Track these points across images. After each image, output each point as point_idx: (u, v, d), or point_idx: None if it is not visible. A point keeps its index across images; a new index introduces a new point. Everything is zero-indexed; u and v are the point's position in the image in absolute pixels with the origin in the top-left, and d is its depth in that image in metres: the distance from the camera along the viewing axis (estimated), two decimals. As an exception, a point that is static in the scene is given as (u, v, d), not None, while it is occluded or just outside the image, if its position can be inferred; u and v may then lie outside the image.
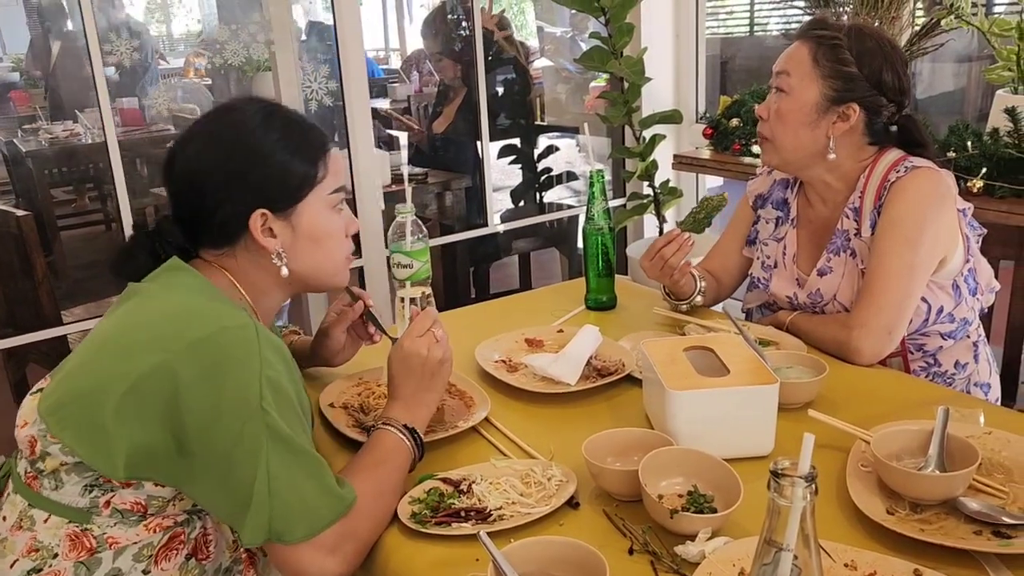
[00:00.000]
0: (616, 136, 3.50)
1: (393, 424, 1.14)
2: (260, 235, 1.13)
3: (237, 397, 0.98)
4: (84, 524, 1.03)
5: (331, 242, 1.19)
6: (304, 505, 0.99)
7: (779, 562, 0.60)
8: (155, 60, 3.35)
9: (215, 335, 1.00)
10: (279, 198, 1.13)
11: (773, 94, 1.57)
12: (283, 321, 3.68)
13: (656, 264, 1.63)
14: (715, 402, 1.14)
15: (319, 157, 1.16)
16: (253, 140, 1.13)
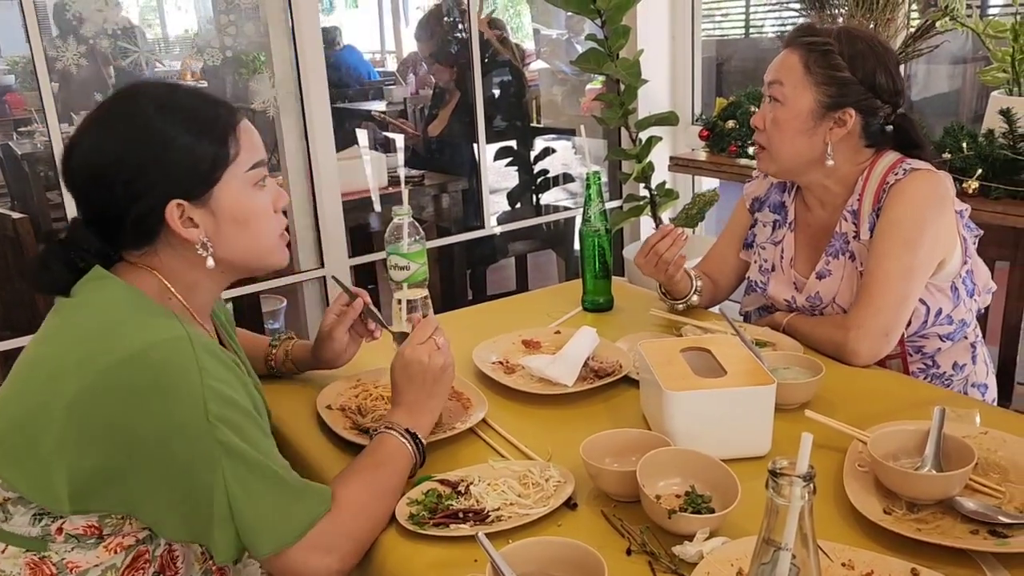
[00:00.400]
0: (612, 138, 3.50)
1: (395, 428, 1.14)
2: (180, 227, 1.05)
3: (182, 416, 0.95)
4: (41, 552, 1.01)
5: (259, 221, 1.11)
6: (269, 518, 0.97)
7: (777, 561, 0.61)
8: (152, 63, 3.33)
9: (145, 351, 0.95)
10: (192, 185, 1.05)
11: (767, 103, 1.57)
12: (279, 324, 3.68)
13: (651, 260, 1.63)
14: (712, 403, 1.14)
15: (228, 134, 1.07)
16: (153, 127, 1.04)
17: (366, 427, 1.28)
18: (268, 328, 3.52)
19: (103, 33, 2.46)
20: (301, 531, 0.99)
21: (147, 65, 2.52)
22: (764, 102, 1.59)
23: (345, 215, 3.25)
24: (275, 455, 1.03)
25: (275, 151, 3.77)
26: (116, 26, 2.44)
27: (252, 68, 2.80)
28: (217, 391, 0.97)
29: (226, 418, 0.96)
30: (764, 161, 1.62)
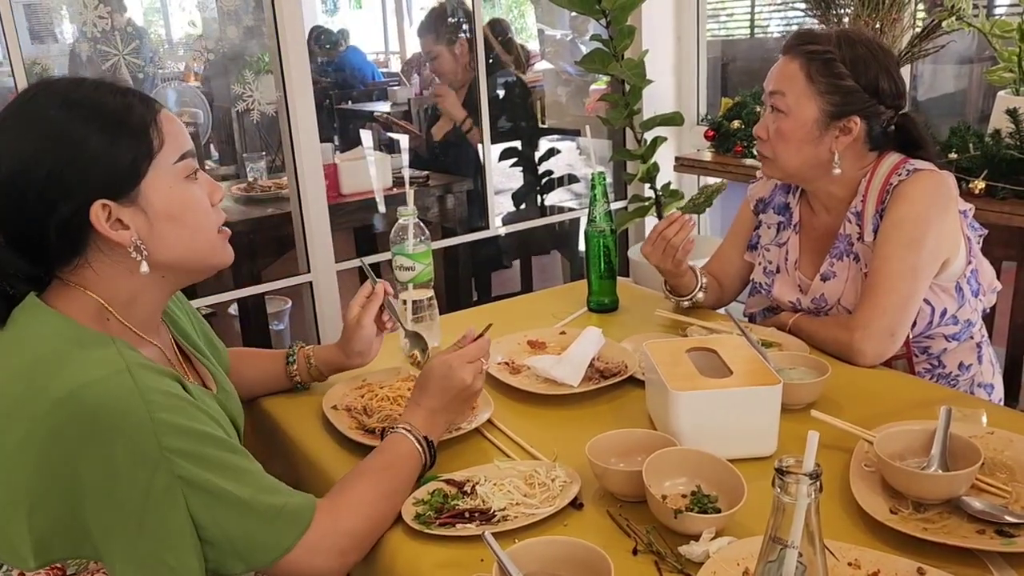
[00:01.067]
0: (617, 138, 3.50)
1: (413, 432, 1.14)
2: (108, 230, 0.96)
3: (130, 457, 0.89)
4: None
5: (195, 215, 1.03)
6: (243, 543, 0.95)
7: (784, 559, 0.61)
8: (146, 66, 3.34)
9: (79, 392, 0.88)
10: (115, 182, 0.96)
11: (769, 113, 1.56)
12: (283, 325, 3.69)
13: (658, 247, 1.62)
14: (718, 403, 1.14)
15: (146, 124, 0.99)
16: (60, 126, 0.95)
17: (372, 427, 1.29)
18: (273, 330, 3.53)
19: (83, 36, 2.46)
20: (279, 553, 0.97)
21: (129, 69, 2.51)
22: (765, 111, 1.58)
23: (349, 216, 3.26)
24: (246, 472, 0.98)
25: (279, 151, 3.77)
26: (96, 29, 2.43)
27: (257, 69, 2.80)
28: (168, 422, 0.91)
29: (182, 450, 0.91)
30: (769, 168, 1.61)
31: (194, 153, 1.05)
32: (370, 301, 1.38)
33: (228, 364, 1.37)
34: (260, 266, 3.04)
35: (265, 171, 3.37)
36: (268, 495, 0.98)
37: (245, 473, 0.98)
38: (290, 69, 2.56)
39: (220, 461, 0.95)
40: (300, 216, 2.68)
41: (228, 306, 3.55)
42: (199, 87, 4.16)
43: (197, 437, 0.94)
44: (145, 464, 0.90)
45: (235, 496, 0.95)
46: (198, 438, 0.94)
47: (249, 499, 0.96)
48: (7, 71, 2.29)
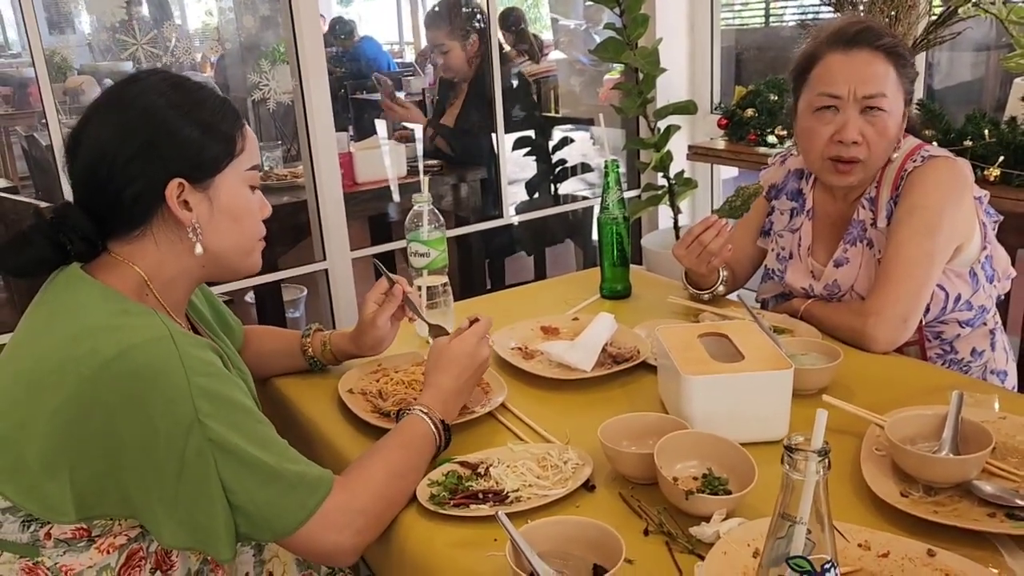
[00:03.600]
0: (630, 127, 3.50)
1: (431, 414, 1.16)
2: (176, 206, 1.05)
3: (170, 417, 0.94)
4: (34, 558, 1.01)
5: (248, 220, 1.14)
6: (268, 510, 0.98)
7: (793, 536, 0.62)
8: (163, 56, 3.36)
9: (125, 355, 0.94)
10: (197, 168, 1.07)
11: (860, 115, 1.47)
12: (299, 313, 3.71)
13: (693, 250, 1.60)
14: (730, 387, 1.15)
15: (236, 130, 1.10)
16: (165, 110, 1.06)
17: (387, 411, 1.30)
18: (289, 317, 3.56)
19: (101, 26, 2.48)
20: (300, 520, 1.00)
21: (147, 59, 2.53)
22: (843, 114, 1.48)
23: (364, 205, 3.27)
24: (272, 442, 1.02)
25: (294, 140, 3.79)
26: (115, 18, 2.45)
27: (273, 58, 2.82)
28: (205, 388, 0.96)
29: (217, 414, 0.96)
30: (856, 174, 1.52)
31: (261, 169, 1.17)
32: (387, 302, 1.40)
33: (242, 341, 1.42)
34: (276, 254, 3.07)
35: (281, 160, 3.39)
36: (291, 463, 1.01)
37: (271, 442, 1.02)
38: (306, 59, 2.57)
39: (249, 428, 1.00)
40: (316, 204, 2.70)
41: (245, 293, 3.58)
42: (212, 77, 4.18)
43: (229, 404, 0.99)
44: (180, 426, 0.94)
45: (261, 462, 0.98)
46: (230, 405, 0.99)
47: (275, 465, 0.99)
48: (27, 61, 2.32)
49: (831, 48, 1.50)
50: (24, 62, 5.86)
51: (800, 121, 1.56)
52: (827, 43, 1.51)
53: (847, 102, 1.48)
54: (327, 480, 1.03)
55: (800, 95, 1.56)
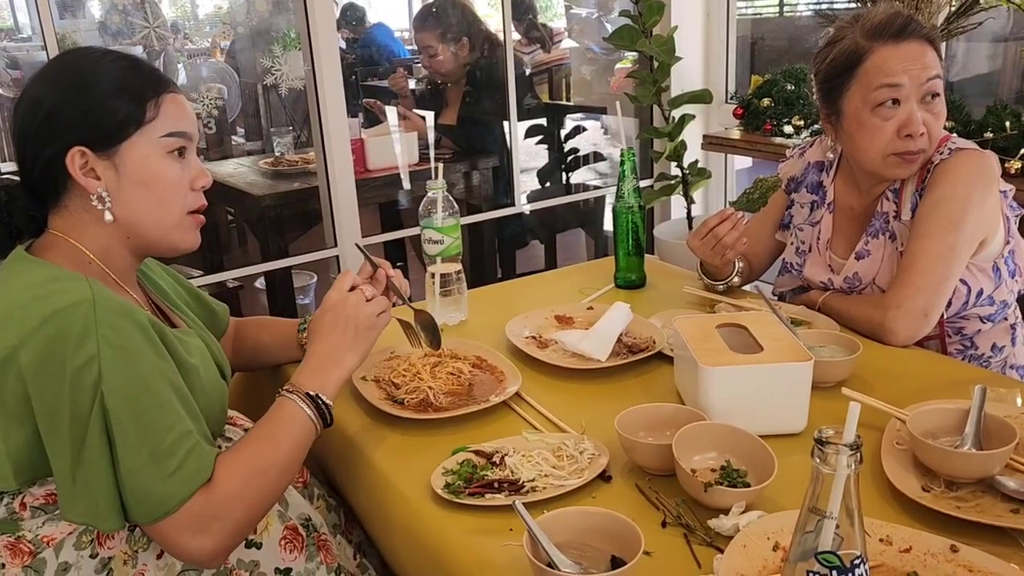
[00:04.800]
0: (644, 116, 3.47)
1: (296, 392, 1.11)
2: (78, 174, 1.06)
3: (75, 384, 0.95)
4: (15, 532, 1.03)
5: (164, 189, 1.10)
6: (132, 495, 0.98)
7: (821, 530, 0.60)
8: (174, 41, 3.34)
9: (49, 320, 0.96)
10: (99, 135, 1.06)
11: (919, 104, 1.45)
12: (309, 300, 3.71)
13: (708, 243, 1.59)
14: (748, 378, 1.13)
15: (148, 97, 1.08)
16: (77, 77, 1.07)
17: (400, 398, 1.29)
18: (299, 304, 3.55)
19: (113, 8, 2.47)
20: (156, 516, 0.98)
21: (158, 41, 2.52)
22: (906, 106, 1.44)
23: (375, 192, 3.26)
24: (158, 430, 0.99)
25: (304, 126, 3.77)
26: (127, 1, 2.44)
27: (285, 44, 2.80)
28: (122, 351, 0.97)
29: (124, 383, 0.96)
30: (915, 164, 1.48)
31: (190, 137, 1.13)
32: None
33: (225, 326, 1.41)
34: (287, 240, 3.06)
35: (292, 146, 3.38)
36: (166, 459, 0.98)
37: (156, 429, 0.99)
38: (319, 44, 2.55)
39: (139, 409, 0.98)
40: (327, 191, 2.69)
41: (255, 279, 3.58)
42: (219, 62, 4.17)
43: (131, 378, 0.98)
44: (86, 394, 0.95)
45: (136, 446, 0.97)
46: (131, 380, 0.98)
47: (147, 454, 0.97)
48: (39, 44, 2.31)
49: (878, 41, 1.45)
50: (35, 45, 5.86)
51: (856, 119, 1.49)
52: (871, 37, 1.46)
53: (909, 92, 1.44)
54: (196, 482, 1.00)
55: (846, 93, 1.49)
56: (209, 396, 1.13)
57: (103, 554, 1.04)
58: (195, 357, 1.11)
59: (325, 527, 1.21)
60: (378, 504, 1.16)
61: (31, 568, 1.03)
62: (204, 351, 1.17)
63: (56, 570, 1.03)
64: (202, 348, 1.17)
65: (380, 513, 1.16)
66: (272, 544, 1.13)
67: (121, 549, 1.05)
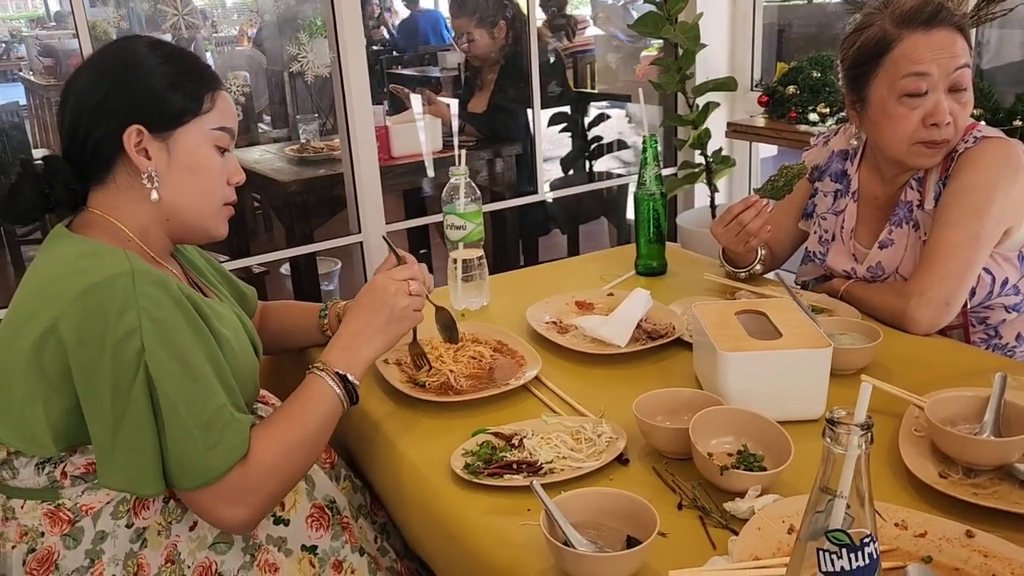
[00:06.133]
0: (668, 104, 3.46)
1: (326, 370, 1.14)
2: (133, 152, 1.09)
3: (116, 355, 0.98)
4: (55, 500, 1.07)
5: (208, 178, 1.15)
6: (191, 460, 1.01)
7: (832, 510, 0.61)
8: (201, 28, 3.37)
9: (89, 292, 0.99)
10: (158, 117, 1.10)
11: (947, 94, 1.43)
12: (333, 286, 3.75)
13: (732, 229, 1.59)
14: (767, 364, 1.14)
15: (205, 90, 1.13)
16: (135, 61, 1.11)
17: (421, 381, 1.31)
18: (324, 290, 3.59)
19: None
20: (195, 485, 1.02)
21: (188, 29, 2.54)
22: (933, 95, 1.43)
23: (399, 179, 3.28)
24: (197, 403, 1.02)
25: (330, 113, 3.80)
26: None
27: (311, 31, 2.82)
28: (160, 323, 0.99)
29: (166, 353, 0.99)
30: (939, 154, 1.48)
31: (234, 135, 1.18)
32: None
33: (254, 308, 1.44)
34: (312, 226, 3.09)
35: (317, 133, 3.41)
36: (204, 431, 1.01)
37: (195, 402, 1.02)
38: (344, 32, 2.57)
39: (178, 380, 1.01)
40: (352, 177, 2.71)
41: (280, 265, 3.62)
42: (248, 49, 4.20)
43: (180, 343, 1.02)
44: (130, 364, 0.98)
45: (179, 417, 1.00)
46: (181, 344, 1.02)
47: (189, 425, 1.01)
48: (70, 32, 2.35)
49: (907, 28, 1.44)
50: (67, 33, 5.94)
51: (882, 107, 1.48)
52: (901, 24, 1.44)
53: (937, 81, 1.43)
54: (235, 456, 1.03)
55: (872, 81, 1.48)
56: (242, 367, 1.16)
57: (138, 524, 1.08)
58: (227, 328, 1.14)
59: (348, 509, 1.23)
60: (399, 485, 1.18)
61: (69, 536, 1.06)
62: (237, 323, 1.19)
63: (93, 538, 1.06)
64: (235, 321, 1.19)
65: (400, 493, 1.18)
66: (299, 521, 1.16)
67: (156, 520, 1.08)
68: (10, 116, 5.06)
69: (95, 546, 1.06)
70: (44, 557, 1.06)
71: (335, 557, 1.17)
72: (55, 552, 1.06)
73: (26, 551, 1.07)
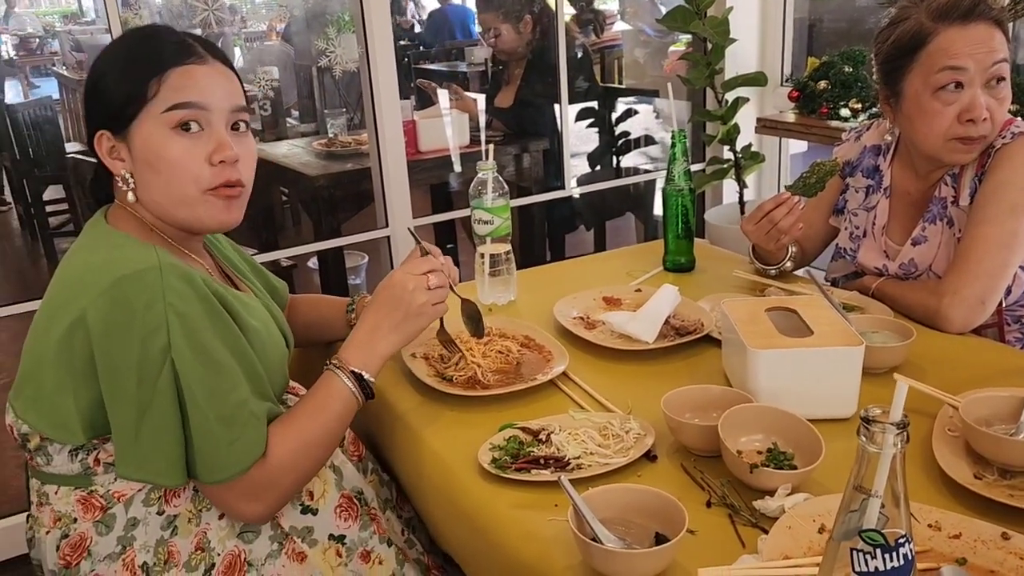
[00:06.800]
0: (696, 99, 3.43)
1: (342, 369, 1.14)
2: (106, 157, 1.09)
3: (143, 348, 0.98)
4: (88, 487, 1.09)
5: (170, 168, 1.06)
6: (212, 453, 1.02)
7: (866, 509, 0.60)
8: (230, 23, 3.40)
9: (118, 284, 0.99)
10: (111, 117, 1.07)
11: (983, 89, 1.41)
12: (360, 280, 3.77)
13: (762, 227, 1.57)
14: (798, 362, 1.13)
15: (152, 73, 1.06)
16: (99, 60, 1.11)
17: (449, 375, 1.32)
18: (351, 284, 3.61)
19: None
20: (214, 480, 1.03)
21: (218, 24, 2.56)
22: (970, 90, 1.41)
23: (426, 173, 3.29)
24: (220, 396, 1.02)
25: (357, 108, 3.81)
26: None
27: (339, 26, 2.84)
28: (185, 318, 1.00)
29: (191, 349, 1.00)
30: (975, 150, 1.45)
31: (200, 107, 1.07)
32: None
33: (285, 301, 1.44)
34: (339, 220, 3.11)
35: (345, 127, 3.43)
36: (225, 426, 1.02)
37: (219, 396, 1.02)
38: (372, 27, 2.58)
39: (203, 374, 1.01)
40: (380, 171, 2.72)
41: (307, 259, 3.65)
42: (277, 43, 4.22)
43: (205, 337, 1.02)
44: (155, 359, 0.99)
45: (202, 412, 1.01)
46: (206, 339, 1.02)
47: (212, 420, 1.01)
48: (102, 27, 2.38)
49: (944, 23, 1.41)
50: (99, 28, 6.01)
51: (917, 102, 1.46)
52: (937, 18, 1.42)
53: (973, 76, 1.40)
54: (254, 454, 1.04)
55: (907, 75, 1.46)
56: (271, 359, 1.16)
57: (169, 511, 1.09)
58: (257, 319, 1.15)
59: (376, 502, 1.24)
60: (425, 477, 1.18)
61: (101, 523, 1.08)
62: (267, 315, 1.20)
63: (125, 525, 1.08)
64: (265, 313, 1.20)
65: (427, 487, 1.18)
66: (328, 511, 1.17)
67: (186, 507, 1.09)
68: (44, 110, 5.14)
69: (127, 532, 1.08)
70: (77, 542, 1.08)
71: (363, 547, 1.18)
72: (88, 538, 1.08)
73: (59, 536, 1.09)
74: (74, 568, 1.08)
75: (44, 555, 1.11)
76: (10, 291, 4.66)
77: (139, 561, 1.07)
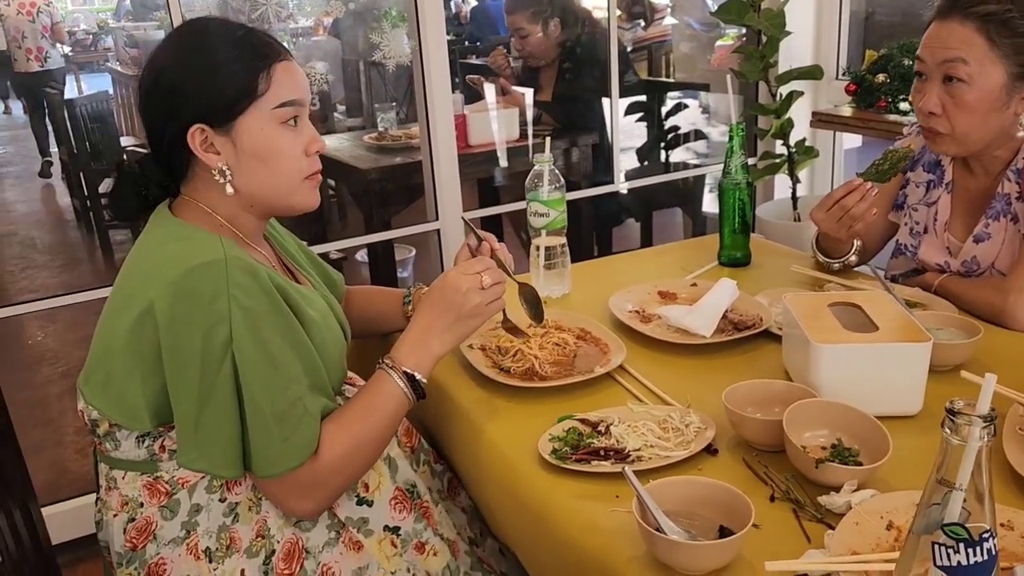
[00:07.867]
0: (748, 93, 3.39)
1: (395, 369, 1.15)
2: (200, 151, 1.09)
3: (206, 340, 1.00)
4: (154, 473, 1.12)
5: (279, 160, 1.11)
6: (265, 448, 1.04)
7: (949, 502, 0.60)
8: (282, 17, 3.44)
9: (186, 276, 1.01)
10: (215, 113, 1.08)
11: (940, 85, 1.42)
12: (408, 273, 3.80)
13: (834, 215, 1.54)
14: (863, 358, 1.11)
15: (260, 69, 1.08)
16: (192, 53, 1.10)
17: (506, 366, 1.32)
18: (399, 277, 3.64)
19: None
20: (267, 475, 1.05)
21: (276, 19, 2.59)
22: (928, 83, 1.44)
23: (474, 167, 3.30)
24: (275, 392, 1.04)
25: (404, 102, 3.83)
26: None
27: (392, 21, 2.86)
28: (250, 312, 1.02)
29: (253, 343, 1.02)
30: (944, 145, 1.48)
31: (302, 103, 1.13)
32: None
33: (342, 293, 1.45)
34: (389, 213, 3.14)
35: (395, 122, 3.46)
36: (279, 423, 1.04)
37: (274, 392, 1.04)
38: (425, 22, 2.59)
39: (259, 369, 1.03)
40: (431, 165, 2.73)
41: (356, 251, 3.68)
42: (326, 38, 4.27)
43: (267, 333, 1.04)
44: (217, 350, 1.01)
45: (256, 407, 1.03)
46: (267, 335, 1.04)
47: (267, 415, 1.03)
48: (154, 24, 2.43)
49: (935, 15, 1.45)
50: (151, 24, 6.13)
51: None
52: (935, 12, 1.45)
53: (931, 69, 1.44)
54: (305, 453, 1.06)
55: None
56: (330, 351, 1.18)
57: (231, 499, 1.11)
58: (316, 311, 1.16)
59: (429, 495, 1.25)
60: (484, 469, 1.19)
61: (167, 508, 1.11)
62: (325, 307, 1.22)
63: (189, 511, 1.10)
64: (323, 305, 1.22)
65: (486, 477, 1.19)
66: (383, 503, 1.18)
67: (247, 496, 1.12)
68: (99, 105, 5.27)
69: (190, 518, 1.10)
70: (143, 526, 1.11)
71: (417, 539, 1.19)
72: (153, 522, 1.10)
73: (126, 520, 1.12)
74: (140, 551, 1.11)
75: (111, 537, 1.14)
76: (67, 281, 4.79)
77: (202, 546, 1.09)
